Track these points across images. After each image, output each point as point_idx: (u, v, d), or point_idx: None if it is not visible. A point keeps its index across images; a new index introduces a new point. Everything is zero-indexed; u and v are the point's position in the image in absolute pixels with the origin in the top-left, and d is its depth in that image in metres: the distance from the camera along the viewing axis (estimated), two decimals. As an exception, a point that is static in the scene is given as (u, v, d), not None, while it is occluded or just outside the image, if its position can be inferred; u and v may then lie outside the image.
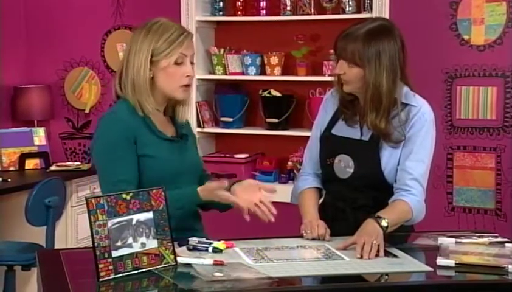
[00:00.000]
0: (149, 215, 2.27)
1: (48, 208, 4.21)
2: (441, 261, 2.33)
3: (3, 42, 5.31)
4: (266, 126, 4.88)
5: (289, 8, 4.75)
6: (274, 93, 4.84)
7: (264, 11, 4.85)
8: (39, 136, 5.21)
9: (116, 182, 2.51)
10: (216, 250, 2.41)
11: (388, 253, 2.44)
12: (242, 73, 4.91)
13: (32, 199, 4.15)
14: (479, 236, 2.65)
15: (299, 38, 4.75)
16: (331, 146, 2.81)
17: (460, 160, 4.53)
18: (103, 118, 2.67)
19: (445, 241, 2.57)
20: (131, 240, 2.22)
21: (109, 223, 2.19)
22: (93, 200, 2.18)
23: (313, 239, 2.61)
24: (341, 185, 2.77)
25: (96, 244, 2.16)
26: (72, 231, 4.90)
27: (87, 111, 5.46)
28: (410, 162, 2.68)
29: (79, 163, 5.30)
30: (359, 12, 4.58)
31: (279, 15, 4.79)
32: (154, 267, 2.24)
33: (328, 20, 4.65)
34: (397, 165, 2.70)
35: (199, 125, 4.89)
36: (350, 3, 4.61)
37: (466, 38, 4.46)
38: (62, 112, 5.52)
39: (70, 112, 5.52)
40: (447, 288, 2.28)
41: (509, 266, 2.27)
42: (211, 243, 2.43)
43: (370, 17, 3.31)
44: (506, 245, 2.55)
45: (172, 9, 4.78)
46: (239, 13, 4.91)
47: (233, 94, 4.98)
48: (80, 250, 3.00)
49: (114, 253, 2.18)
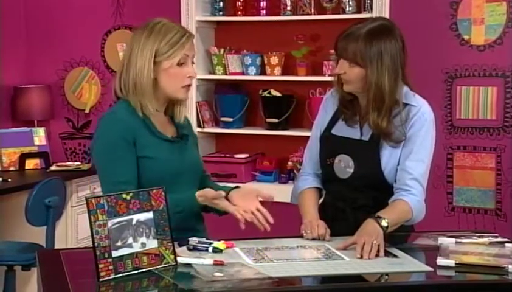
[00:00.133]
0: (149, 215, 2.27)
1: (49, 208, 4.21)
2: (441, 261, 2.33)
3: (3, 42, 5.31)
4: (266, 126, 4.88)
5: (289, 8, 4.75)
6: (274, 93, 4.83)
7: (264, 11, 4.85)
8: (39, 136, 5.21)
9: (116, 183, 2.51)
10: (216, 250, 2.41)
11: (388, 253, 2.44)
12: (242, 73, 4.90)
13: (32, 199, 4.15)
14: (479, 236, 2.65)
15: (299, 38, 4.75)
16: (331, 146, 2.81)
17: (460, 160, 4.53)
18: (103, 119, 2.66)
19: (445, 241, 2.57)
20: (131, 240, 2.22)
21: (109, 223, 2.19)
22: (93, 200, 2.18)
23: (313, 239, 2.61)
24: (341, 185, 2.77)
25: (96, 244, 2.16)
26: (72, 231, 4.90)
27: (87, 111, 5.46)
28: (410, 161, 2.67)
29: (79, 163, 5.30)
30: (359, 12, 4.57)
31: (279, 15, 4.79)
32: (154, 267, 2.24)
33: (328, 20, 4.64)
34: (397, 165, 2.70)
35: (199, 125, 4.89)
36: (350, 3, 4.61)
37: (466, 38, 4.46)
38: (62, 112, 5.52)
39: (70, 112, 5.52)
40: (447, 288, 2.28)
41: (509, 266, 2.27)
42: (211, 243, 2.43)
43: (370, 17, 3.30)
44: (506, 245, 2.55)
45: (172, 9, 4.78)
46: (239, 13, 4.90)
47: (233, 94, 4.97)
48: (80, 250, 3.00)
49: (114, 253, 2.18)
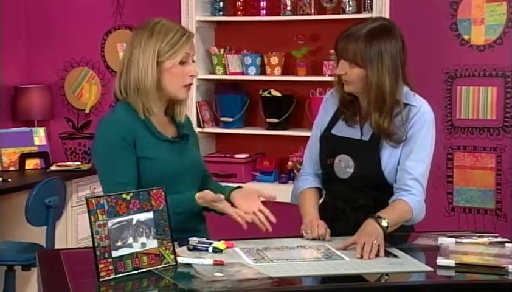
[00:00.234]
0: (150, 215, 2.27)
1: (49, 208, 4.21)
2: (441, 261, 2.33)
3: (3, 42, 5.31)
4: (266, 126, 4.88)
5: (289, 8, 4.75)
6: (274, 93, 4.83)
7: (264, 11, 4.85)
8: (39, 136, 5.21)
9: (116, 184, 2.51)
10: (216, 250, 2.41)
11: (388, 253, 2.44)
12: (243, 73, 4.90)
13: (32, 199, 4.15)
14: (479, 236, 2.65)
15: (299, 38, 4.75)
16: (331, 146, 2.81)
17: (460, 160, 4.53)
18: (102, 121, 2.66)
19: (445, 241, 2.57)
20: (131, 240, 2.22)
21: (109, 223, 2.19)
22: (93, 200, 2.18)
23: (313, 239, 2.61)
24: (341, 185, 2.77)
25: (96, 244, 2.16)
26: (72, 231, 4.90)
27: (87, 111, 5.46)
28: (410, 161, 2.67)
29: (79, 163, 5.30)
30: (359, 12, 4.58)
31: (279, 15, 4.79)
32: (154, 267, 2.24)
33: (328, 20, 4.65)
34: (398, 165, 2.70)
35: (199, 125, 4.89)
36: (350, 3, 4.61)
37: (466, 38, 4.46)
38: (63, 112, 5.52)
39: (70, 112, 5.52)
40: (447, 288, 2.28)
41: (509, 266, 2.27)
42: (211, 243, 2.43)
43: (371, 17, 3.30)
44: (506, 245, 2.55)
45: (172, 9, 4.78)
46: (239, 13, 4.91)
47: (233, 94, 4.98)
48: (80, 250, 3.00)
49: (114, 253, 2.18)
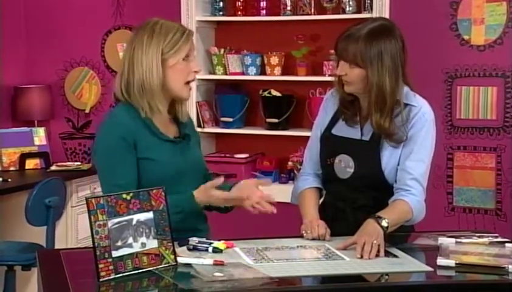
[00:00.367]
0: (150, 215, 2.27)
1: (49, 208, 4.21)
2: (441, 261, 2.33)
3: (3, 42, 5.31)
4: (266, 126, 4.88)
5: (289, 8, 4.75)
6: (274, 93, 4.83)
7: (264, 11, 4.85)
8: (39, 136, 5.21)
9: (115, 185, 2.49)
10: (216, 250, 2.40)
11: (388, 253, 2.44)
12: (243, 73, 4.90)
13: (32, 199, 4.15)
14: (479, 236, 2.65)
15: (299, 38, 4.75)
16: (331, 146, 2.81)
17: (460, 160, 4.53)
18: (103, 123, 2.66)
19: (445, 241, 2.57)
20: (131, 240, 2.22)
21: (109, 223, 2.19)
22: (93, 200, 2.18)
23: (313, 239, 2.60)
24: (341, 185, 2.77)
25: (96, 244, 2.16)
26: (72, 231, 4.90)
27: (88, 111, 5.46)
28: (410, 162, 2.67)
29: (79, 163, 5.30)
30: (359, 12, 4.58)
31: (279, 15, 4.79)
32: (154, 267, 2.24)
33: (328, 20, 4.65)
34: (398, 165, 2.69)
35: (199, 125, 4.88)
36: (350, 3, 4.61)
37: (466, 38, 4.46)
38: (63, 112, 5.52)
39: (70, 112, 5.52)
40: (447, 288, 2.28)
41: (509, 266, 2.27)
42: (211, 243, 2.43)
43: (371, 17, 3.31)
44: (506, 245, 2.55)
45: (172, 9, 4.78)
46: (239, 13, 4.91)
47: (233, 94, 4.98)
48: (80, 250, 3.00)
49: (114, 253, 2.18)
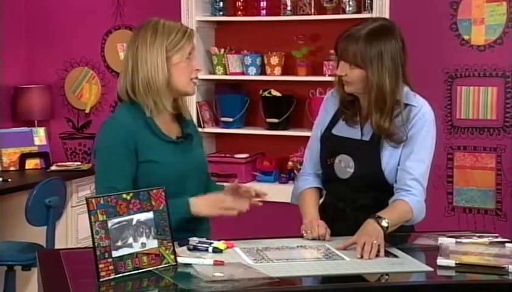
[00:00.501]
0: (150, 215, 2.27)
1: (49, 208, 4.21)
2: (441, 261, 2.33)
3: (3, 42, 5.31)
4: (266, 126, 4.88)
5: (289, 8, 4.75)
6: (274, 93, 4.83)
7: (264, 11, 4.85)
8: (40, 136, 5.21)
9: (109, 188, 2.46)
10: (216, 250, 2.40)
11: (388, 253, 2.44)
12: (243, 73, 4.90)
13: (32, 199, 4.15)
14: (479, 236, 2.65)
15: (299, 38, 4.75)
16: (331, 146, 2.80)
17: (460, 160, 4.53)
18: (104, 124, 2.65)
19: (445, 241, 2.57)
20: (131, 240, 2.22)
21: (109, 223, 2.19)
22: (93, 200, 2.18)
23: (313, 239, 2.60)
24: (341, 185, 2.77)
25: (96, 244, 2.16)
26: (72, 231, 4.90)
27: (88, 111, 5.46)
28: (410, 162, 2.67)
29: (79, 163, 5.30)
30: (359, 12, 4.58)
31: (279, 15, 4.79)
32: (154, 267, 2.24)
33: (328, 20, 4.65)
34: (398, 165, 2.69)
35: (199, 125, 4.88)
36: (350, 3, 4.61)
37: (466, 38, 4.46)
38: (63, 112, 5.52)
39: (70, 112, 5.52)
40: (447, 288, 2.28)
41: (510, 266, 2.27)
42: (211, 243, 2.43)
43: (371, 18, 3.31)
44: (506, 245, 2.55)
45: (172, 9, 4.79)
46: (240, 13, 4.90)
47: (233, 94, 4.97)
48: (80, 250, 3.00)
49: (114, 253, 2.18)
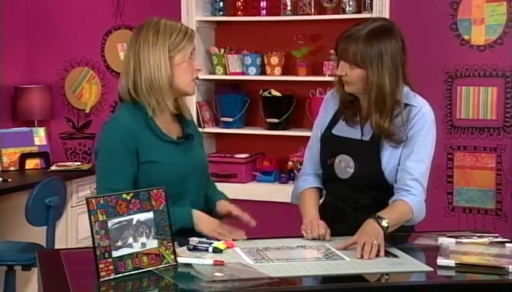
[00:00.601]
0: (150, 215, 2.27)
1: (49, 208, 4.21)
2: (441, 261, 2.33)
3: (3, 42, 5.31)
4: (266, 126, 4.88)
5: (289, 8, 4.75)
6: (274, 93, 4.83)
7: (264, 11, 4.85)
8: (40, 136, 5.21)
9: (110, 189, 2.46)
10: (216, 250, 2.40)
11: (388, 254, 2.44)
12: (243, 73, 4.90)
13: (32, 199, 4.15)
14: (479, 237, 2.65)
15: (299, 38, 4.75)
16: (331, 146, 2.80)
17: (460, 160, 4.53)
18: (106, 125, 2.65)
19: (445, 241, 2.57)
20: (131, 240, 2.22)
21: (110, 223, 2.19)
22: (93, 200, 2.18)
23: (313, 239, 2.60)
24: (341, 185, 2.77)
25: (96, 244, 2.16)
26: (72, 231, 4.90)
27: (88, 111, 5.46)
28: (410, 162, 2.67)
29: (79, 163, 5.30)
30: (359, 12, 4.58)
31: (279, 15, 4.79)
32: (155, 267, 2.24)
33: (328, 20, 4.65)
34: (398, 165, 2.69)
35: (199, 125, 4.88)
36: (350, 3, 4.61)
37: (466, 38, 4.46)
38: (63, 112, 5.52)
39: (70, 112, 5.52)
40: (447, 288, 2.28)
41: (510, 266, 2.27)
42: (211, 243, 2.43)
43: (371, 18, 3.31)
44: (507, 245, 2.55)
45: (172, 9, 4.78)
46: (240, 13, 4.90)
47: (234, 94, 4.97)
48: (80, 250, 3.00)
49: (114, 253, 2.18)
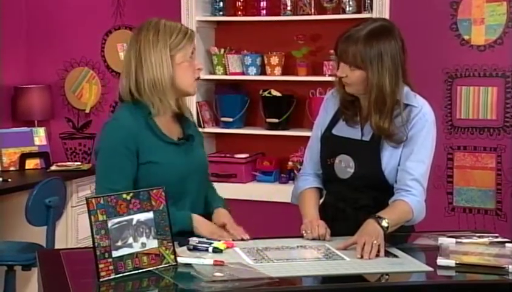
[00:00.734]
0: (150, 215, 2.27)
1: (49, 208, 4.21)
2: (441, 261, 2.33)
3: (3, 42, 5.31)
4: (266, 126, 4.88)
5: (289, 8, 4.75)
6: (274, 93, 4.83)
7: (264, 11, 4.85)
8: (40, 136, 5.21)
9: (109, 189, 2.45)
10: (216, 250, 2.40)
11: (388, 254, 2.44)
12: (243, 73, 4.90)
13: (32, 199, 4.14)
14: (479, 237, 2.65)
15: (299, 38, 4.75)
16: (331, 146, 2.80)
17: (460, 160, 4.53)
18: (106, 125, 2.65)
19: (445, 241, 2.57)
20: (131, 240, 2.22)
21: (110, 223, 2.19)
22: (93, 200, 2.18)
23: (313, 239, 2.60)
24: (341, 185, 2.77)
25: (96, 244, 2.16)
26: (72, 231, 4.90)
27: (88, 111, 5.46)
28: (410, 162, 2.67)
29: (79, 163, 5.30)
30: (359, 12, 4.58)
31: (279, 15, 4.79)
32: (155, 267, 2.24)
33: (328, 21, 4.65)
34: (398, 165, 2.69)
35: (199, 125, 4.87)
36: (350, 3, 4.61)
37: (466, 38, 4.46)
38: (63, 112, 5.52)
39: (70, 112, 5.52)
40: (447, 288, 2.28)
41: (510, 266, 2.27)
42: (211, 243, 2.43)
43: (371, 18, 3.31)
44: (507, 245, 2.55)
45: (172, 9, 4.78)
46: (240, 13, 4.90)
47: (234, 94, 4.97)
48: (80, 250, 3.00)
49: (114, 253, 2.18)
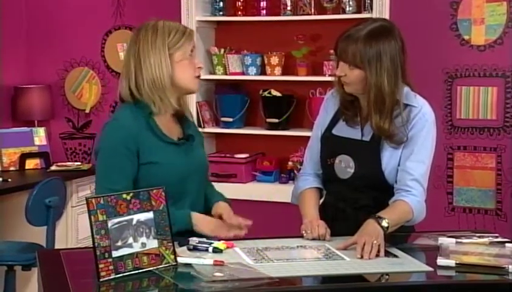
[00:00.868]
0: (150, 215, 2.27)
1: (49, 208, 4.21)
2: (441, 261, 2.33)
3: (3, 42, 5.31)
4: (266, 126, 4.88)
5: (289, 8, 4.75)
6: (274, 93, 4.83)
7: (264, 11, 4.85)
8: (40, 136, 5.21)
9: (109, 189, 2.45)
10: (216, 250, 2.41)
11: (388, 254, 2.44)
12: (243, 73, 4.90)
13: (32, 199, 4.14)
14: (479, 237, 2.65)
15: (299, 38, 4.75)
16: (331, 146, 2.81)
17: (460, 160, 4.53)
18: (106, 125, 2.65)
19: (445, 241, 2.57)
20: (131, 240, 2.22)
21: (110, 223, 2.19)
22: (93, 200, 2.18)
23: (313, 239, 2.60)
24: (341, 185, 2.77)
25: (96, 244, 2.16)
26: (72, 231, 4.90)
27: (88, 111, 5.46)
28: (410, 162, 2.67)
29: (79, 163, 5.30)
30: (359, 12, 4.58)
31: (279, 15, 4.79)
32: (155, 267, 2.24)
33: (328, 21, 4.65)
34: (398, 165, 2.69)
35: (199, 125, 4.87)
36: (350, 3, 4.61)
37: (466, 38, 4.46)
38: (63, 112, 5.52)
39: (70, 112, 5.52)
40: (448, 288, 2.28)
41: (510, 266, 2.27)
42: (211, 243, 2.43)
43: (371, 18, 3.31)
44: (507, 245, 2.55)
45: (172, 9, 4.79)
46: (240, 13, 4.90)
47: (234, 94, 4.97)
48: (80, 250, 3.00)
49: (114, 253, 2.18)
